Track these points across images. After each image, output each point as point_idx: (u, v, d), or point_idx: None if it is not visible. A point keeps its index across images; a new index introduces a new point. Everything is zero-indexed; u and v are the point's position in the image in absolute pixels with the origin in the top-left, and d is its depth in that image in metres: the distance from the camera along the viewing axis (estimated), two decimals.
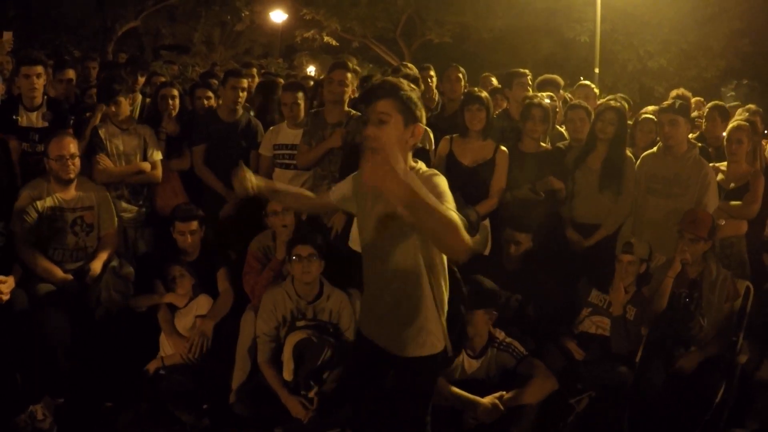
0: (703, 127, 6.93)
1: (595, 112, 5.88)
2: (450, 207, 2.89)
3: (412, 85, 3.21)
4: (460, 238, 2.69)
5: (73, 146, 5.06)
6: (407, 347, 3.25)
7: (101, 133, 5.69)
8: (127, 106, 5.81)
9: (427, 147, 5.42)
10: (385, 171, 2.61)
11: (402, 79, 3.21)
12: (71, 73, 6.38)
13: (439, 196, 2.93)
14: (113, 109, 5.66)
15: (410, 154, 3.18)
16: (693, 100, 8.43)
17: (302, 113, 5.86)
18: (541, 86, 7.04)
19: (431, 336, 3.25)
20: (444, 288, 3.26)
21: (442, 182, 3.06)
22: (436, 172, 3.15)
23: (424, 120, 3.16)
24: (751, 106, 7.47)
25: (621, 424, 4.76)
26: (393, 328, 3.26)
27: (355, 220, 3.61)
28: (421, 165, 3.20)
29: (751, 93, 19.59)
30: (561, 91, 7.25)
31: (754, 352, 5.21)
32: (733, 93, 20.19)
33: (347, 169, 3.87)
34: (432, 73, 7.42)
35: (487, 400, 4.27)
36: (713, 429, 4.76)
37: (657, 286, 5.01)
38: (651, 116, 6.29)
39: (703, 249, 5.00)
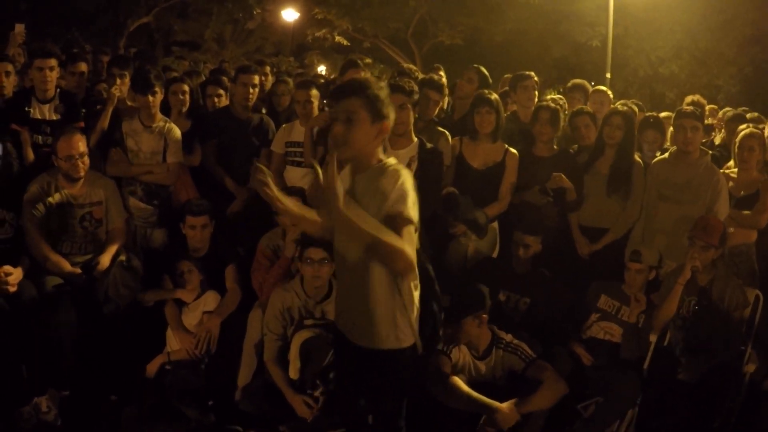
0: (721, 134, 6.91)
1: (603, 117, 5.86)
2: (407, 208, 2.98)
3: (381, 84, 3.29)
4: (402, 262, 2.94)
5: (82, 145, 5.05)
6: (373, 339, 3.28)
7: (124, 126, 5.70)
8: (161, 96, 5.78)
9: (442, 149, 5.40)
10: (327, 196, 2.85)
11: (371, 77, 3.29)
12: (83, 66, 6.38)
13: (399, 197, 3.01)
14: (150, 99, 5.63)
15: (380, 149, 3.25)
16: (708, 107, 8.42)
17: (315, 111, 5.85)
18: (571, 91, 7.06)
19: (397, 330, 3.27)
20: (412, 285, 3.27)
21: (404, 180, 3.09)
22: (400, 167, 3.19)
23: (392, 117, 3.22)
24: (754, 114, 7.46)
25: (627, 431, 4.74)
26: (360, 321, 3.30)
27: None
28: (390, 160, 3.25)
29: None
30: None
31: (762, 362, 5.17)
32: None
33: None
34: (441, 73, 7.41)
35: (505, 405, 4.25)
36: None
37: (667, 292, 4.98)
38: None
39: (714, 256, 4.98)
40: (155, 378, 4.90)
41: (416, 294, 3.30)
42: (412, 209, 3.02)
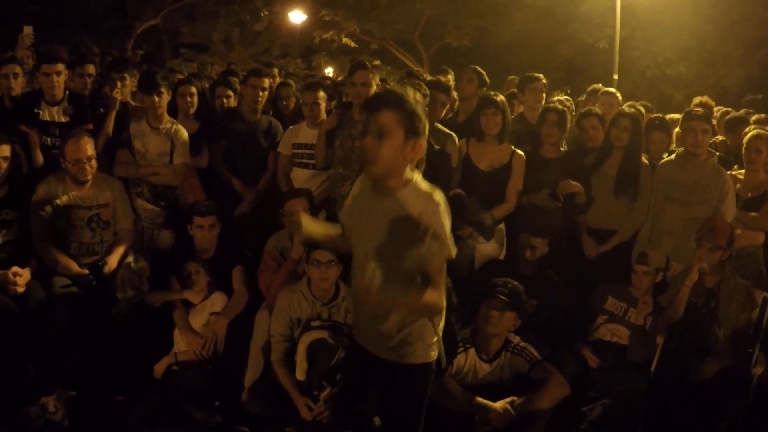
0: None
1: (610, 119, 5.86)
2: (445, 233, 2.96)
3: (418, 97, 3.09)
4: (437, 311, 3.13)
5: (90, 148, 5.06)
6: (401, 355, 3.25)
7: (131, 128, 5.72)
8: (168, 97, 5.80)
9: (449, 151, 5.40)
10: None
11: (409, 89, 3.11)
12: (91, 68, 6.40)
13: (437, 223, 2.95)
14: (156, 99, 5.64)
15: (409, 167, 3.08)
16: (717, 109, 8.41)
17: (322, 113, 5.86)
18: (591, 95, 7.11)
19: (424, 345, 3.26)
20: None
21: (442, 203, 3.01)
22: (433, 190, 3.06)
23: (426, 134, 3.06)
24: (761, 115, 7.43)
25: None
26: (387, 336, 3.24)
27: None
28: (417, 177, 3.10)
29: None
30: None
31: None
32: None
33: None
34: (450, 76, 7.42)
35: (498, 405, 4.25)
36: None
37: (674, 295, 4.97)
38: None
39: (721, 258, 4.96)
40: (162, 379, 4.91)
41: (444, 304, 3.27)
42: (450, 238, 2.98)
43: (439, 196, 3.04)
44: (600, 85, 7.58)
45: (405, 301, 2.96)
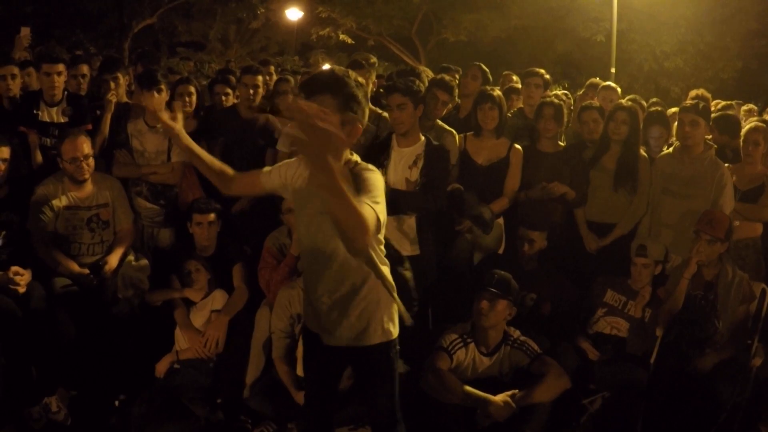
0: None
1: (608, 113, 5.87)
2: (374, 201, 2.76)
3: (360, 80, 3.01)
4: (362, 237, 2.57)
5: (86, 146, 5.08)
6: (368, 337, 3.24)
7: (129, 127, 5.73)
8: (166, 96, 5.80)
9: (449, 147, 5.41)
10: (324, 139, 2.24)
11: (350, 73, 3.00)
12: (85, 69, 6.40)
13: (367, 191, 2.83)
14: (156, 95, 5.63)
15: (348, 151, 3.04)
16: (716, 102, 8.43)
17: None
18: (589, 89, 7.14)
19: (389, 323, 3.28)
20: (387, 267, 3.23)
21: (375, 177, 2.94)
22: (370, 167, 3.01)
23: (364, 119, 3.00)
24: None
25: (634, 426, 4.75)
26: (349, 322, 3.22)
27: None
28: (357, 158, 3.07)
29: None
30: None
31: None
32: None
33: None
34: (457, 76, 7.43)
35: (499, 397, 4.27)
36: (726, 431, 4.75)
37: (673, 287, 4.99)
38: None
39: (720, 250, 4.98)
40: (164, 377, 4.92)
41: (387, 269, 3.25)
42: (378, 201, 2.81)
43: (374, 174, 2.97)
44: (598, 79, 7.59)
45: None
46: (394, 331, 3.33)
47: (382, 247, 3.23)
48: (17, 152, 5.27)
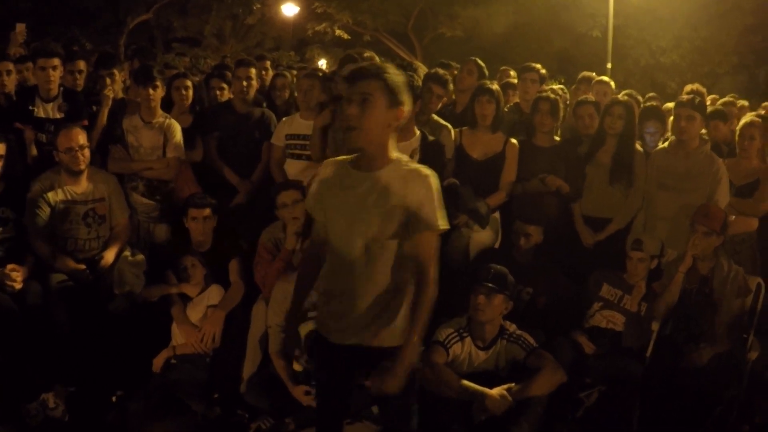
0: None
1: (604, 107, 5.88)
2: (436, 210, 3.02)
3: (399, 70, 3.16)
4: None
5: (82, 137, 5.09)
6: (393, 338, 3.20)
7: (124, 123, 5.73)
8: (162, 92, 5.80)
9: (444, 142, 5.41)
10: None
11: (390, 64, 3.19)
12: (81, 64, 6.39)
13: (427, 200, 3.02)
14: (151, 92, 5.65)
15: (392, 143, 3.14)
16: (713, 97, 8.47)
17: (315, 101, 5.84)
18: (580, 83, 7.14)
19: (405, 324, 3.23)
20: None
21: (433, 181, 3.07)
22: (421, 168, 3.10)
23: (409, 105, 3.12)
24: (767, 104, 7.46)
25: (630, 419, 4.77)
26: (376, 324, 3.19)
27: None
28: (403, 156, 3.17)
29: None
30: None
31: (764, 349, 5.19)
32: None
33: None
34: (455, 71, 7.43)
35: (495, 391, 4.27)
36: (722, 425, 4.76)
37: (668, 281, 5.01)
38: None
39: (716, 243, 4.99)
40: (161, 372, 4.93)
41: None
42: (441, 211, 3.05)
43: (427, 170, 3.09)
44: (591, 72, 7.58)
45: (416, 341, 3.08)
46: None
47: None
48: (13, 149, 5.27)
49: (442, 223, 3.06)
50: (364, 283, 3.16)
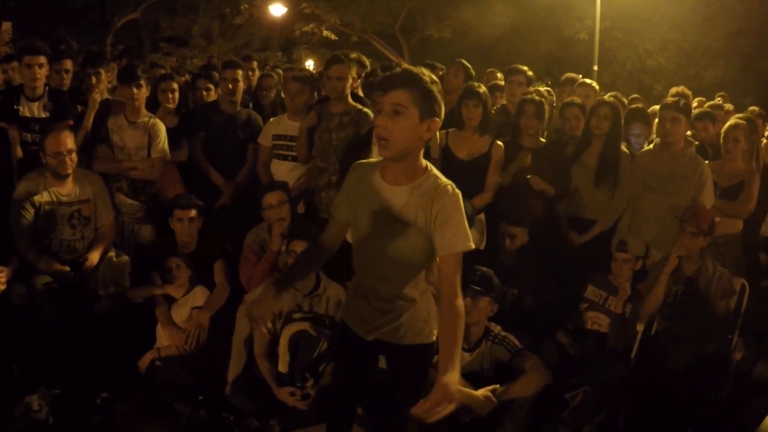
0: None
1: (590, 108, 5.90)
2: (461, 230, 2.99)
3: (434, 78, 3.01)
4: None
5: (70, 141, 5.05)
6: (407, 336, 3.25)
7: (109, 123, 5.70)
8: (146, 91, 5.79)
9: (430, 142, 5.41)
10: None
11: (425, 70, 3.03)
12: (69, 64, 6.35)
13: (453, 220, 2.98)
14: (135, 91, 5.63)
15: (421, 155, 3.05)
16: (700, 100, 8.52)
17: (303, 103, 5.84)
18: (563, 84, 7.23)
19: (429, 325, 3.29)
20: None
21: (460, 200, 3.03)
22: (449, 186, 3.04)
23: (442, 115, 3.01)
24: (755, 108, 7.50)
25: (615, 420, 4.78)
26: (393, 319, 3.23)
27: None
28: (432, 168, 3.09)
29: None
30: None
31: (749, 350, 5.24)
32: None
33: (348, 162, 3.86)
34: (441, 73, 7.45)
35: (480, 392, 4.27)
36: (707, 426, 4.78)
37: (653, 282, 5.02)
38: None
39: (702, 245, 5.01)
40: (146, 374, 4.91)
41: None
42: (467, 235, 3.03)
43: (454, 188, 3.03)
44: (573, 74, 7.60)
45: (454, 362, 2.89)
46: (434, 335, 3.32)
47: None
48: None
49: (466, 244, 3.02)
50: (383, 288, 3.21)
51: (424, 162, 3.07)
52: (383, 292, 3.22)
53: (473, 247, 3.04)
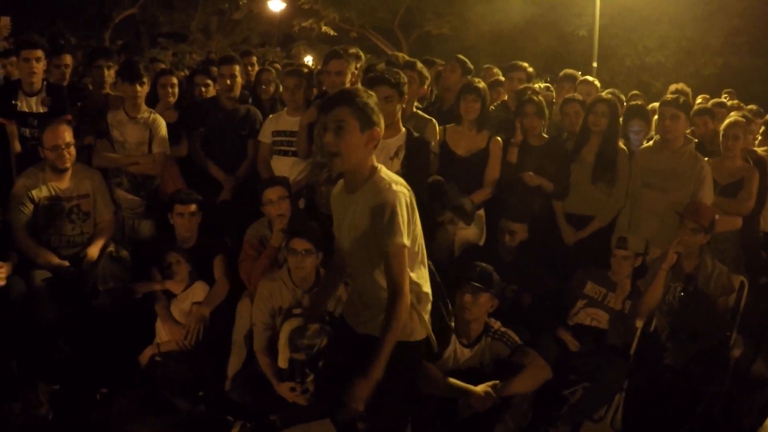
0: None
1: (587, 105, 5.90)
2: (401, 238, 3.13)
3: (370, 92, 3.35)
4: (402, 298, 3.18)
5: (68, 135, 5.04)
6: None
7: (109, 117, 5.69)
8: (147, 88, 5.77)
9: (429, 137, 5.41)
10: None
11: (359, 87, 3.37)
12: (68, 59, 6.34)
13: (393, 209, 3.13)
14: (138, 89, 5.62)
15: (373, 156, 3.31)
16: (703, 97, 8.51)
17: (302, 98, 5.84)
18: (561, 80, 7.22)
19: (411, 323, 3.37)
20: (423, 283, 3.42)
21: (401, 192, 3.20)
22: (396, 180, 3.27)
23: (382, 125, 3.28)
24: (752, 106, 7.50)
25: (614, 417, 4.79)
26: (375, 314, 3.36)
27: None
28: (382, 168, 3.32)
29: None
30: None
31: (747, 347, 5.24)
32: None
33: None
34: (439, 69, 7.44)
35: (479, 388, 4.28)
36: (705, 422, 4.79)
37: (652, 279, 5.03)
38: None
39: (702, 241, 5.03)
40: (145, 369, 4.91)
41: (426, 288, 3.43)
42: (405, 232, 3.15)
43: (400, 186, 3.24)
44: (572, 71, 7.59)
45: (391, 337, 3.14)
46: (418, 335, 3.42)
47: (422, 268, 3.43)
48: None
49: (396, 240, 3.14)
50: (360, 284, 3.47)
51: (377, 166, 3.32)
52: (362, 289, 3.48)
53: (403, 243, 3.16)
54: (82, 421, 4.74)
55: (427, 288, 3.44)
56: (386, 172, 3.32)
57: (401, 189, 3.24)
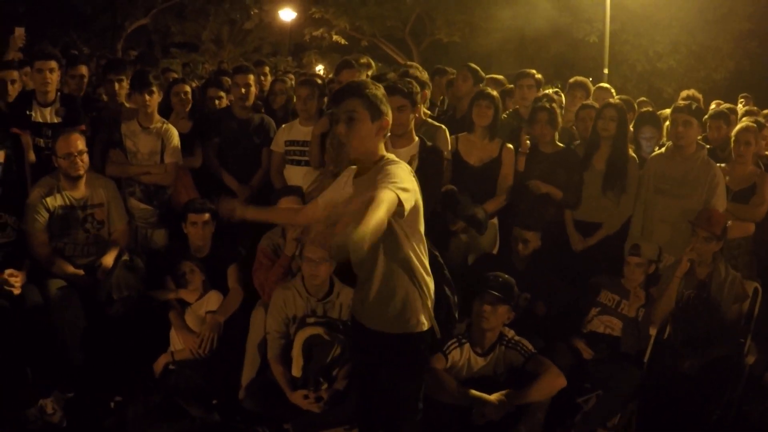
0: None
1: (596, 111, 5.90)
2: (392, 185, 3.03)
3: (377, 84, 3.46)
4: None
5: (80, 143, 5.08)
6: (393, 325, 3.45)
7: (122, 128, 5.72)
8: (158, 97, 5.80)
9: (441, 144, 5.42)
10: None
11: (367, 79, 3.48)
12: (84, 69, 6.39)
13: (387, 180, 3.09)
14: (147, 98, 5.65)
15: (382, 145, 3.41)
16: (717, 102, 8.48)
17: (315, 108, 5.86)
18: (572, 88, 7.19)
19: (415, 315, 3.44)
20: (425, 273, 3.46)
21: (397, 169, 3.21)
22: (396, 160, 3.34)
23: (390, 114, 3.39)
24: (767, 111, 7.47)
25: (628, 424, 4.78)
26: (380, 309, 3.46)
27: None
28: (390, 156, 3.39)
29: None
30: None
31: (761, 354, 5.21)
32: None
33: None
34: (451, 77, 7.46)
35: (494, 397, 4.29)
36: (719, 429, 4.77)
37: (665, 286, 5.02)
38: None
39: (715, 249, 5.01)
40: (160, 377, 4.93)
41: (430, 281, 3.48)
42: (400, 186, 3.05)
43: (396, 167, 3.25)
44: (582, 78, 7.58)
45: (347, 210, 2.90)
46: (423, 325, 3.47)
47: (423, 248, 3.44)
48: (10, 155, 5.27)
49: (390, 188, 3.01)
50: (371, 275, 3.44)
51: (386, 155, 3.39)
52: (360, 277, 3.54)
53: (395, 195, 3.00)
54: (96, 428, 4.76)
55: (426, 264, 3.46)
56: (394, 158, 3.39)
57: (405, 165, 3.32)
